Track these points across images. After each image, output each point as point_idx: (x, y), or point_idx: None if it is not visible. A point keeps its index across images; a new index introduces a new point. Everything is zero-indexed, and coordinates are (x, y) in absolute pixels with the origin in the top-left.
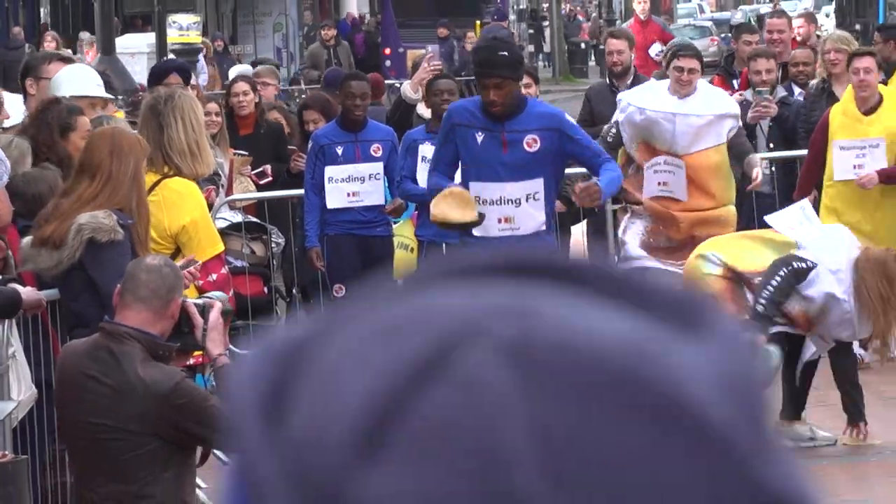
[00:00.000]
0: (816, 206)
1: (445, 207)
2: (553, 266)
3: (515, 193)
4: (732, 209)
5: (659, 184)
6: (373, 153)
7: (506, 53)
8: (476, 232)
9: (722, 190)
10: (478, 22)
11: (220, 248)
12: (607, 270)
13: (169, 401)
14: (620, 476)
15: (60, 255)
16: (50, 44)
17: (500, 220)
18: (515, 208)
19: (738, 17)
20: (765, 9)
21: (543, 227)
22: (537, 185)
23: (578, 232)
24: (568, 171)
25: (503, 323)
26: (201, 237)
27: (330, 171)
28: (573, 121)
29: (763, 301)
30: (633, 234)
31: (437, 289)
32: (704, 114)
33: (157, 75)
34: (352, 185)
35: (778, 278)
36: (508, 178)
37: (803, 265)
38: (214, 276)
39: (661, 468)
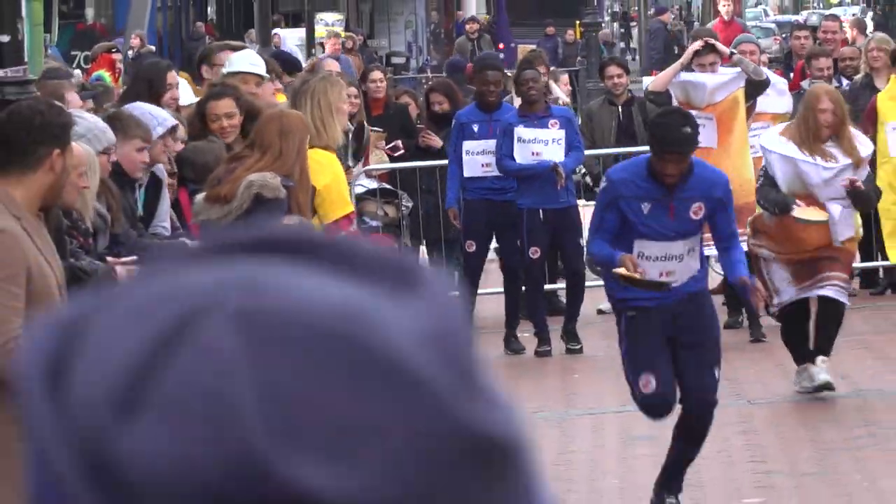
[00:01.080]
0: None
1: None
2: (286, 242)
3: (678, 251)
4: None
5: None
6: (494, 124)
7: (689, 130)
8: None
9: (742, 132)
10: (577, 21)
11: (349, 209)
12: (335, 243)
13: None
14: (337, 423)
15: (230, 207)
16: (135, 40)
17: (661, 274)
18: (678, 263)
19: (813, 18)
20: (833, 11)
21: (697, 273)
22: (694, 241)
23: None
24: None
25: (233, 295)
26: (333, 199)
27: (467, 145)
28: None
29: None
30: (780, 279)
31: (183, 268)
32: (729, 72)
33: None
34: (485, 157)
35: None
36: (672, 239)
37: (760, 173)
38: (344, 234)
39: (371, 413)
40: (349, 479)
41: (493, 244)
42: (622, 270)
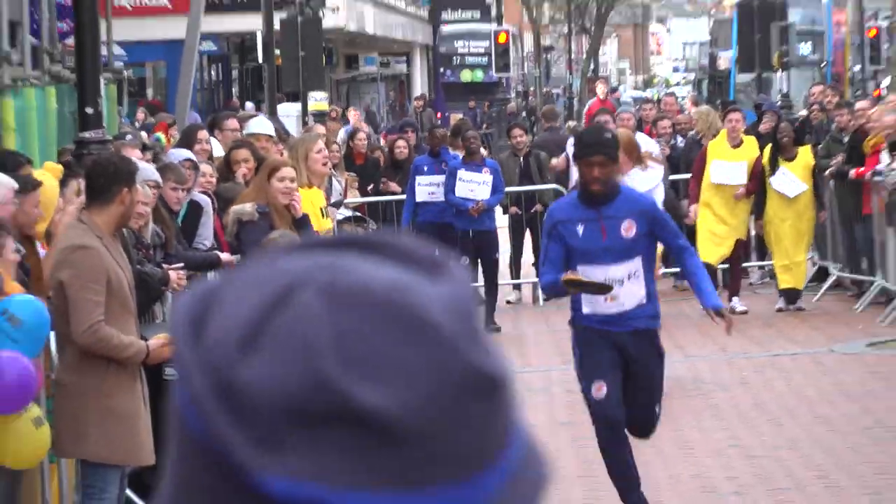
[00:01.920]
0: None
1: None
2: (356, 241)
3: (618, 274)
4: None
5: None
6: (444, 169)
7: (609, 136)
8: (587, 310)
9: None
10: (494, 97)
11: (316, 227)
12: (388, 241)
13: None
14: (386, 360)
15: (228, 231)
16: (140, 115)
17: (605, 299)
18: (619, 287)
19: (661, 94)
20: (672, 90)
21: (644, 301)
22: (636, 264)
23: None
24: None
25: (320, 274)
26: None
27: (419, 179)
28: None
29: None
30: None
31: (289, 256)
32: None
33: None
34: (431, 188)
35: None
36: (611, 260)
37: None
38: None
39: (410, 354)
40: (394, 399)
41: None
42: (568, 275)
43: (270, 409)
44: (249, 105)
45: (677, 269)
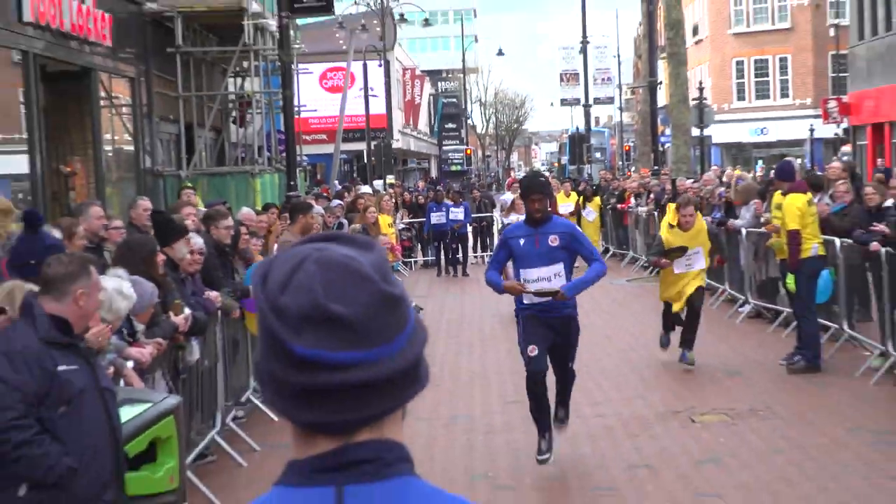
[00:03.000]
0: None
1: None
2: (331, 236)
3: (546, 274)
4: None
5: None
6: (443, 208)
7: (543, 181)
8: (527, 301)
9: None
10: (463, 177)
11: (384, 234)
12: (346, 235)
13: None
14: (345, 292)
15: None
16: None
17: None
18: (548, 284)
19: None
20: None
21: (570, 301)
22: (559, 267)
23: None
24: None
25: (315, 253)
26: (380, 229)
27: (432, 214)
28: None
29: None
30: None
31: (301, 245)
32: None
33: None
34: (438, 217)
35: None
36: (541, 264)
37: None
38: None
39: (358, 290)
40: (350, 309)
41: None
42: (512, 288)
43: (296, 316)
44: (335, 182)
45: None
